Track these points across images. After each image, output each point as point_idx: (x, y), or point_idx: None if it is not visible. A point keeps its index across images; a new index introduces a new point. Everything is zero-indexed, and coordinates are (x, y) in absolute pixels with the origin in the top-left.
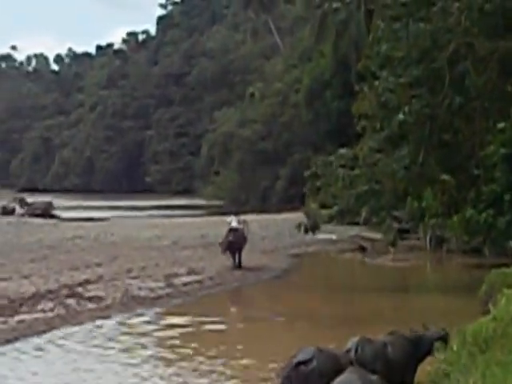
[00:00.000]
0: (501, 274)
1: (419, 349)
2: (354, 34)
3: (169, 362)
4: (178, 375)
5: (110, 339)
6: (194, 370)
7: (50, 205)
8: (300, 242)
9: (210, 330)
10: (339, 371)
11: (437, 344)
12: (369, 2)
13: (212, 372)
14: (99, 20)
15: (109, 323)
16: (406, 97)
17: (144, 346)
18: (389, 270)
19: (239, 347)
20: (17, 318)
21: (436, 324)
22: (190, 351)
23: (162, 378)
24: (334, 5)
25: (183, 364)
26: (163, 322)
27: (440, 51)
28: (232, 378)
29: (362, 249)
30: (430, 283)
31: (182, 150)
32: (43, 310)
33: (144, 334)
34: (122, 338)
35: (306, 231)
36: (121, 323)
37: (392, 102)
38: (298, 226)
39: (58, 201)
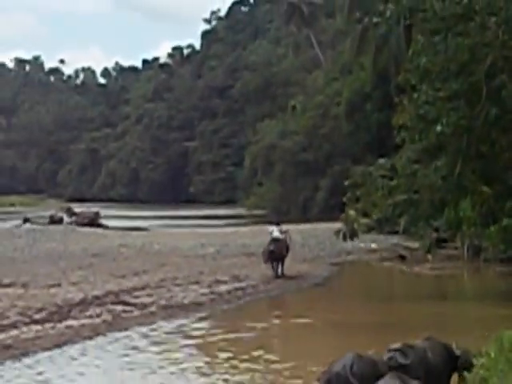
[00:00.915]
0: None
1: (456, 356)
2: (394, 48)
3: (210, 365)
4: (218, 375)
5: (154, 344)
6: (234, 374)
7: (97, 214)
8: (340, 250)
9: (251, 336)
10: (378, 377)
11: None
12: (408, 17)
13: (246, 362)
14: (145, 34)
15: (154, 328)
16: (444, 109)
17: (186, 351)
18: (427, 279)
19: (279, 352)
20: (65, 323)
21: (473, 332)
22: (230, 354)
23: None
24: (375, 19)
25: (224, 365)
26: (206, 328)
27: (478, 64)
28: (271, 380)
29: (401, 257)
30: (468, 291)
31: (225, 161)
32: (90, 316)
33: (187, 340)
34: (168, 340)
35: (345, 238)
36: (165, 329)
37: (431, 114)
38: (337, 233)
39: (104, 210)
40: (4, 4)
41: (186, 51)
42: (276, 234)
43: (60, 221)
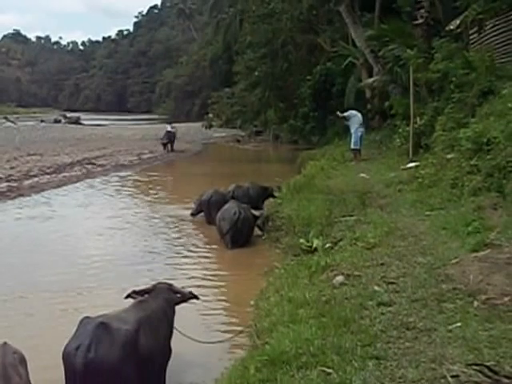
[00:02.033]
0: (308, 153)
1: (266, 192)
2: (234, 31)
3: (137, 188)
4: (140, 196)
5: (110, 182)
6: (147, 192)
7: (78, 118)
8: (207, 137)
9: (159, 178)
10: (226, 202)
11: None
12: (241, 15)
13: (155, 194)
14: (105, 23)
15: (109, 177)
16: (259, 63)
17: (126, 185)
18: (251, 151)
19: (172, 186)
20: (61, 175)
21: (274, 179)
22: (147, 186)
23: (129, 193)
24: (224, 16)
25: (143, 189)
26: (136, 175)
27: (277, 39)
28: (164, 200)
29: (238, 141)
30: (272, 158)
31: (146, 90)
32: (75, 171)
33: (126, 180)
34: (116, 182)
35: (206, 128)
36: (115, 176)
37: (252, 66)
38: (202, 125)
39: (83, 115)
40: (30, 5)
41: (125, 32)
42: (169, 128)
43: (59, 121)
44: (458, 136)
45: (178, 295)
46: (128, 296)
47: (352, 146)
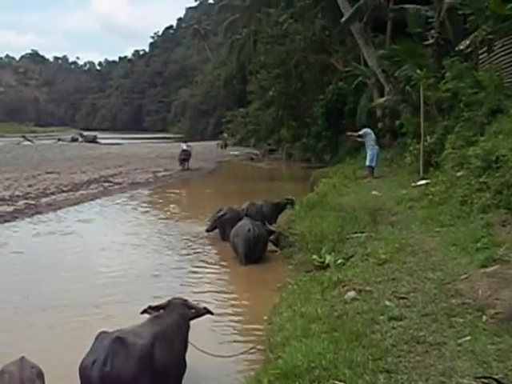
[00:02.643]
0: (320, 171)
1: (278, 207)
2: (247, 52)
3: (153, 205)
4: (155, 213)
5: (127, 200)
6: (162, 209)
7: (95, 136)
8: (221, 155)
9: (174, 196)
10: (240, 219)
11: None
12: (254, 36)
13: (171, 211)
14: (121, 44)
15: (125, 194)
16: (273, 83)
17: (142, 202)
18: (264, 169)
19: (187, 203)
20: (79, 192)
21: (287, 196)
22: (163, 203)
23: (145, 210)
24: (237, 37)
25: (158, 206)
26: (152, 193)
27: (290, 60)
28: (179, 217)
29: (251, 159)
30: (285, 176)
31: (161, 109)
32: (92, 189)
33: (142, 197)
34: (132, 199)
35: (221, 147)
36: (131, 194)
37: (266, 85)
38: (217, 144)
39: (99, 134)
40: (47, 26)
41: (141, 52)
42: (184, 147)
43: (76, 140)
44: (467, 154)
45: (193, 310)
46: (144, 311)
47: (367, 163)
